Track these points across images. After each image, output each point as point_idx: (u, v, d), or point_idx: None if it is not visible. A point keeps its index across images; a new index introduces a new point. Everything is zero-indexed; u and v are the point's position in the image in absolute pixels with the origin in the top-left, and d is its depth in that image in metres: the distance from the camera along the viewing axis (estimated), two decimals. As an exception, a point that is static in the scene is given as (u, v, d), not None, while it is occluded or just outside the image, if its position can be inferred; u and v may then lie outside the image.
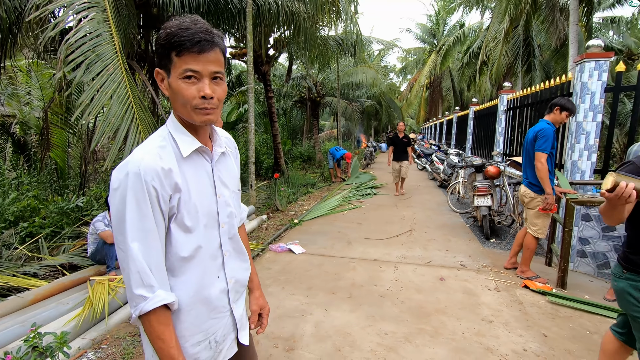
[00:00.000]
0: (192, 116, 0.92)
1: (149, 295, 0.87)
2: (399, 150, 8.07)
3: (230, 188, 1.07)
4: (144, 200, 0.86)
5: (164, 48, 0.89)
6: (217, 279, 1.02)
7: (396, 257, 4.31)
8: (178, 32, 0.87)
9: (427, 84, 26.71)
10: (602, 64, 3.87)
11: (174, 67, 0.89)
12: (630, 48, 16.88)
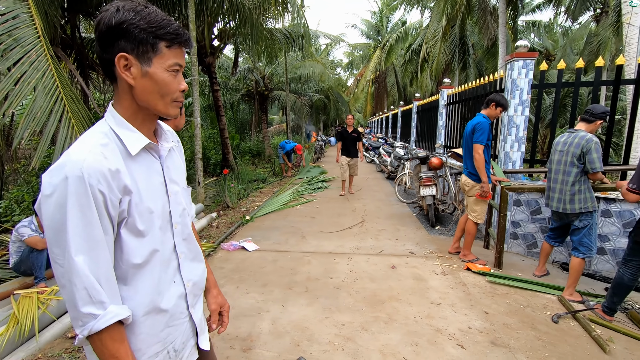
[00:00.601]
0: (169, 109, 0.90)
1: (100, 313, 0.78)
2: (348, 146, 7.43)
3: (180, 185, 1.01)
4: (89, 207, 0.76)
5: (147, 34, 0.84)
6: (173, 284, 0.95)
7: (349, 248, 4.40)
8: (166, 22, 0.86)
9: (373, 79, 27.52)
10: (528, 63, 4.26)
11: (162, 58, 0.86)
12: (548, 49, 18.84)
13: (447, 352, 2.39)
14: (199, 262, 1.06)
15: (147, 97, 0.87)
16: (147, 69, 0.85)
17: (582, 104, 14.49)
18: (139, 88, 0.86)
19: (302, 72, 16.14)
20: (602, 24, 14.26)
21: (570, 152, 3.15)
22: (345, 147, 7.44)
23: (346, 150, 7.44)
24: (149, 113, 0.91)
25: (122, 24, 0.82)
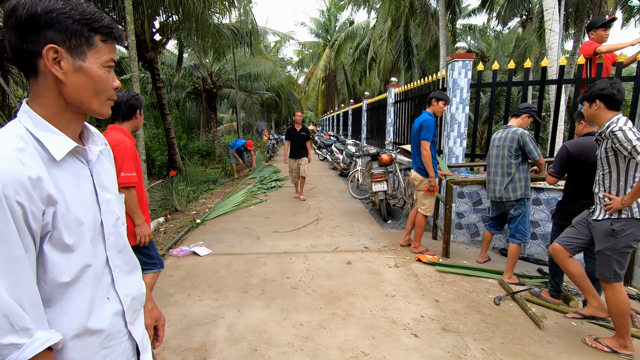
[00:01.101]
0: (103, 108, 0.85)
1: (25, 341, 0.67)
2: (297, 146, 6.84)
3: (112, 192, 0.92)
4: (5, 222, 0.65)
5: (82, 26, 0.76)
6: (107, 301, 0.85)
7: (305, 247, 4.39)
8: (99, 15, 0.80)
9: (323, 78, 27.76)
10: (467, 63, 4.54)
11: (97, 53, 0.80)
12: (483, 51, 20.32)
13: (402, 342, 2.48)
14: (136, 275, 0.98)
15: (80, 95, 0.79)
16: (80, 63, 0.77)
17: (514, 102, 15.83)
18: (70, 84, 0.77)
19: (251, 70, 15.82)
20: (528, 29, 15.71)
21: (506, 146, 3.41)
22: (294, 147, 6.87)
23: (295, 150, 6.86)
24: (77, 112, 0.82)
25: (51, 13, 0.73)
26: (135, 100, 2.34)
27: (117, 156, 2.15)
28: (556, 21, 6.31)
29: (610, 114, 2.41)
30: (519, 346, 2.47)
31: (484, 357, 2.34)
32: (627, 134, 2.27)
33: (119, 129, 2.31)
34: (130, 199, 2.21)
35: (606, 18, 3.90)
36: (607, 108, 2.41)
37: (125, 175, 2.16)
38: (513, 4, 12.73)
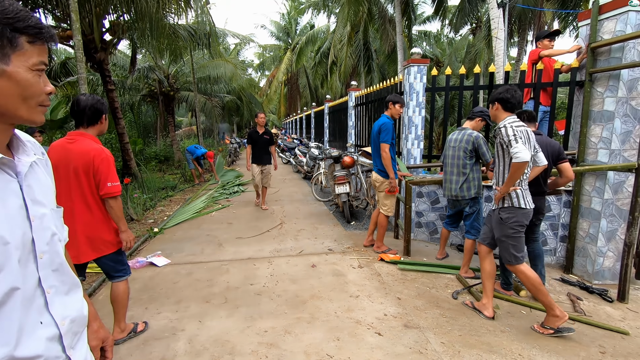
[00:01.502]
0: (33, 115, 0.78)
1: None
2: (260, 150, 6.28)
3: (47, 206, 0.84)
4: None
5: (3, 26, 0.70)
6: (40, 326, 0.77)
7: (269, 252, 4.34)
8: (24, 14, 0.73)
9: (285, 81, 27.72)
10: (422, 68, 4.73)
11: (23, 55, 0.74)
12: (437, 56, 21.27)
13: (366, 342, 2.51)
14: (76, 295, 0.90)
15: (6, 101, 0.72)
16: (4, 67, 0.71)
17: (467, 105, 16.71)
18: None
19: (211, 72, 15.43)
20: (477, 37, 16.68)
21: (462, 147, 3.59)
22: (256, 153, 6.31)
23: (257, 156, 6.30)
24: (2, 121, 0.75)
25: None
26: (100, 104, 2.27)
27: (101, 166, 2.16)
28: (501, 30, 6.76)
29: (505, 115, 2.79)
30: (475, 337, 2.60)
31: (443, 350, 2.43)
32: (507, 130, 2.63)
33: (88, 137, 2.25)
34: (117, 207, 2.27)
35: (551, 30, 4.36)
36: (503, 109, 2.80)
37: (112, 185, 2.20)
38: (463, 13, 13.46)
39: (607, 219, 3.61)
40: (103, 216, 2.28)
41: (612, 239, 3.64)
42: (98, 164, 2.16)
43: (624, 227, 3.58)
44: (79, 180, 2.18)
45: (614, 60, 3.52)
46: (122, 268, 2.45)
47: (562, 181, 3.12)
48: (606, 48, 3.57)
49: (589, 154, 3.78)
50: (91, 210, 2.23)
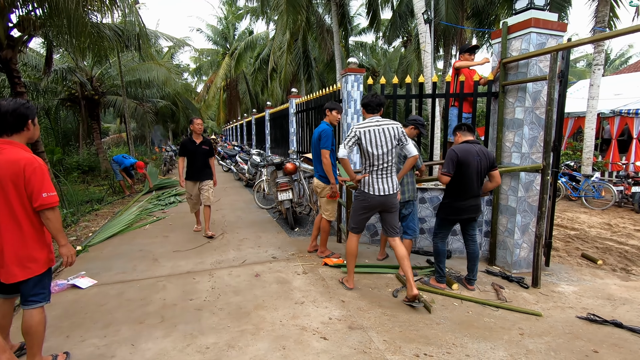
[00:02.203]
0: None
1: None
2: (197, 164, 5.09)
3: None
4: None
5: None
6: None
7: (210, 264, 4.15)
8: None
9: (224, 86, 26.98)
10: (359, 77, 4.93)
11: None
12: (373, 66, 22.34)
13: (312, 347, 2.52)
14: None
15: None
16: None
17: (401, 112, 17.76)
18: None
19: (142, 76, 14.44)
20: (409, 49, 17.87)
21: (397, 153, 3.79)
22: (192, 167, 5.10)
23: (193, 171, 5.11)
24: None
25: None
26: (24, 108, 2.04)
27: (33, 177, 1.95)
28: (429, 44, 7.33)
29: (368, 116, 3.36)
30: (415, 332, 2.75)
31: (385, 347, 2.53)
32: (349, 130, 3.26)
33: (17, 145, 2.01)
34: (55, 219, 2.06)
35: (472, 45, 4.81)
36: (366, 112, 3.38)
37: (47, 195, 2.00)
38: (395, 26, 14.33)
39: (521, 214, 4.06)
40: (35, 232, 2.04)
41: (526, 232, 4.10)
42: (29, 174, 1.95)
43: (534, 221, 4.06)
44: (5, 193, 1.94)
45: (521, 74, 4.00)
46: (42, 292, 2.17)
47: (491, 185, 3.46)
48: (515, 64, 4.05)
49: (504, 157, 4.23)
50: (20, 226, 1.99)
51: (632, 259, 4.54)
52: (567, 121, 11.59)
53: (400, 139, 3.25)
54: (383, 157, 3.23)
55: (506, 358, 2.45)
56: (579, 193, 8.02)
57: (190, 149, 5.11)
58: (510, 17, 4.12)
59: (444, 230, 3.56)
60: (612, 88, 12.26)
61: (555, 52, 3.54)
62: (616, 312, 3.14)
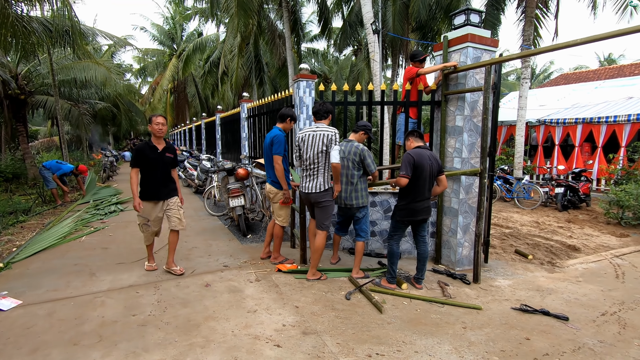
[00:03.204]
0: None
1: None
2: (158, 178, 3.83)
3: None
4: None
5: None
6: None
7: (156, 276, 3.92)
8: None
9: (171, 89, 25.82)
10: (311, 83, 4.98)
11: None
12: (325, 73, 22.72)
13: (266, 356, 2.47)
14: None
15: None
16: None
17: (352, 118, 18.21)
18: None
19: (77, 75, 13.29)
20: (359, 58, 18.45)
21: (350, 159, 3.86)
22: (151, 181, 3.81)
23: (153, 187, 3.82)
24: None
25: None
26: None
27: None
28: (377, 53, 7.63)
29: (317, 122, 3.79)
30: (367, 332, 2.81)
31: (339, 350, 2.55)
32: None
33: None
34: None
35: (423, 55, 5.01)
36: (315, 119, 3.81)
37: None
38: (346, 35, 14.73)
39: (463, 215, 4.35)
40: None
41: (467, 232, 4.40)
42: None
43: (474, 221, 4.37)
44: None
45: (460, 85, 4.31)
46: None
47: (439, 189, 3.66)
48: (455, 75, 4.35)
49: (447, 161, 4.51)
50: None
51: (557, 253, 5.05)
52: (501, 129, 12.68)
53: (328, 145, 3.63)
54: (311, 160, 3.70)
55: (451, 351, 2.59)
56: (512, 194, 8.78)
57: (150, 158, 3.78)
58: (450, 31, 4.43)
59: (399, 232, 3.70)
60: (537, 100, 13.67)
61: (489, 65, 3.86)
62: (544, 302, 3.47)
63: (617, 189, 6.81)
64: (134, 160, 3.81)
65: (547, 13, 9.86)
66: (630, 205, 6.45)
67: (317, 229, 3.86)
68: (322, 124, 3.76)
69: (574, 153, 10.69)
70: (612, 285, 3.93)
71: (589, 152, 10.75)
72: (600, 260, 4.76)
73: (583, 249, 5.27)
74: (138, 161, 3.80)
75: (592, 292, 3.73)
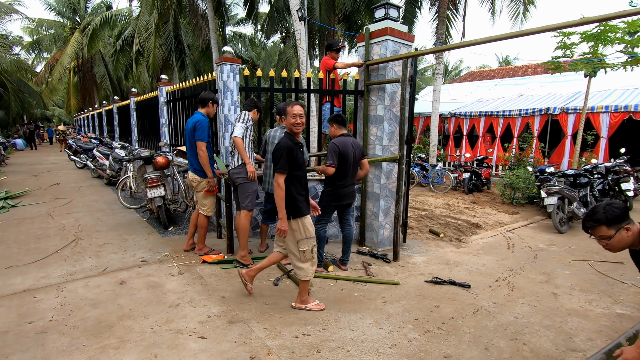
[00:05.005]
0: None
1: None
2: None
3: None
4: None
5: None
6: None
7: (58, 277, 3.48)
8: None
9: (75, 68, 22.75)
10: (235, 67, 4.79)
11: None
12: (253, 59, 22.07)
13: (189, 349, 2.37)
14: None
15: None
16: None
17: (281, 107, 18.10)
18: None
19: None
20: (287, 45, 18.25)
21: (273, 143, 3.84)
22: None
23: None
24: None
25: None
26: None
27: None
28: (304, 41, 7.63)
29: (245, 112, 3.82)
30: (294, 315, 2.86)
31: (266, 335, 2.56)
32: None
33: None
34: None
35: (339, 45, 5.12)
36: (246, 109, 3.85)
37: None
38: (273, 20, 14.42)
39: (384, 199, 4.64)
40: None
41: (388, 214, 4.71)
42: None
43: (393, 204, 4.69)
44: None
45: (381, 76, 4.53)
46: None
47: (362, 173, 3.83)
48: (376, 66, 4.56)
49: (369, 149, 4.74)
50: None
51: (463, 231, 5.70)
52: (419, 120, 13.73)
53: (234, 122, 3.79)
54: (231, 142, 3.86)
55: (372, 324, 2.78)
56: (427, 180, 9.62)
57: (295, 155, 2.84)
58: (372, 24, 4.61)
59: (326, 217, 3.80)
60: (449, 94, 15.05)
61: (405, 58, 4.13)
62: (452, 273, 3.90)
63: (510, 174, 7.89)
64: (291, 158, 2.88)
65: (457, 15, 10.86)
66: (519, 187, 7.52)
67: (237, 208, 3.87)
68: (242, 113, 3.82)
69: (478, 142, 12.07)
70: (505, 255, 4.57)
71: (490, 142, 12.23)
72: (496, 235, 5.49)
73: (484, 226, 6.02)
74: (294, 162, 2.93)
75: (489, 262, 4.30)
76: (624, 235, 1.82)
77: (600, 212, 1.84)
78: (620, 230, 1.81)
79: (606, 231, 1.83)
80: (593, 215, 1.87)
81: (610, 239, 1.83)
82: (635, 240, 1.84)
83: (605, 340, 2.62)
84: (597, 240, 1.91)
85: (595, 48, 7.59)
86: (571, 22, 3.01)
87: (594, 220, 1.86)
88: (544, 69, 10.24)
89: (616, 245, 1.85)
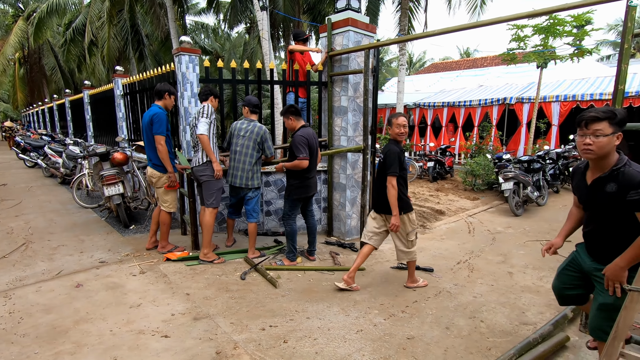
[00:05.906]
0: None
1: None
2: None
3: None
4: None
5: None
6: None
7: (6, 283, 3.24)
8: None
9: (20, 59, 21.08)
10: (194, 58, 4.62)
11: None
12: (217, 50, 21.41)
13: (151, 349, 2.30)
14: None
15: None
16: None
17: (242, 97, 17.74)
18: None
19: None
20: (252, 36, 17.85)
21: (252, 138, 3.75)
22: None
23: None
24: None
25: None
26: None
27: None
28: (266, 31, 7.49)
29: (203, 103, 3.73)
30: (261, 308, 2.85)
31: (232, 329, 2.54)
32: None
33: None
34: None
35: (305, 35, 5.11)
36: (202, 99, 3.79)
37: None
38: (236, 10, 14.01)
39: (350, 189, 4.69)
40: None
41: (355, 204, 4.77)
42: None
43: (360, 194, 4.76)
44: None
45: (344, 67, 4.54)
46: None
47: (318, 161, 3.84)
48: (339, 57, 4.56)
49: (335, 140, 4.77)
50: None
51: (427, 217, 5.89)
52: (385, 111, 13.96)
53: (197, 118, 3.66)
54: (194, 137, 3.76)
55: (339, 312, 2.82)
56: (394, 170, 9.82)
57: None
58: (334, 14, 4.59)
59: (296, 210, 3.79)
60: (414, 85, 15.40)
61: (367, 49, 4.16)
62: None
63: (471, 162, 8.23)
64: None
65: (419, 6, 11.06)
66: (480, 174, 7.86)
67: (202, 205, 3.82)
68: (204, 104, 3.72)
69: (442, 132, 12.47)
70: (466, 239, 4.78)
71: (453, 131, 12.67)
72: (458, 220, 5.73)
73: (447, 212, 6.25)
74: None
75: (452, 246, 4.48)
76: (614, 140, 1.72)
77: (612, 109, 1.74)
78: (617, 133, 1.73)
79: (606, 128, 1.71)
80: (604, 110, 1.74)
81: (604, 137, 1.71)
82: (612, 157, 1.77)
83: (554, 312, 2.82)
84: (588, 136, 1.75)
85: (546, 40, 8.03)
86: (522, 14, 3.16)
87: (606, 111, 1.73)
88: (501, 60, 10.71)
89: (603, 147, 1.72)
